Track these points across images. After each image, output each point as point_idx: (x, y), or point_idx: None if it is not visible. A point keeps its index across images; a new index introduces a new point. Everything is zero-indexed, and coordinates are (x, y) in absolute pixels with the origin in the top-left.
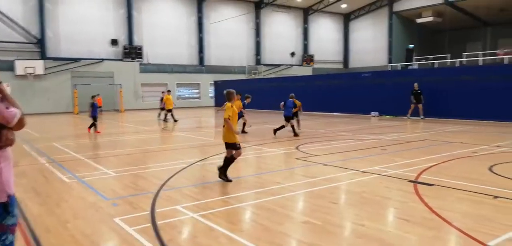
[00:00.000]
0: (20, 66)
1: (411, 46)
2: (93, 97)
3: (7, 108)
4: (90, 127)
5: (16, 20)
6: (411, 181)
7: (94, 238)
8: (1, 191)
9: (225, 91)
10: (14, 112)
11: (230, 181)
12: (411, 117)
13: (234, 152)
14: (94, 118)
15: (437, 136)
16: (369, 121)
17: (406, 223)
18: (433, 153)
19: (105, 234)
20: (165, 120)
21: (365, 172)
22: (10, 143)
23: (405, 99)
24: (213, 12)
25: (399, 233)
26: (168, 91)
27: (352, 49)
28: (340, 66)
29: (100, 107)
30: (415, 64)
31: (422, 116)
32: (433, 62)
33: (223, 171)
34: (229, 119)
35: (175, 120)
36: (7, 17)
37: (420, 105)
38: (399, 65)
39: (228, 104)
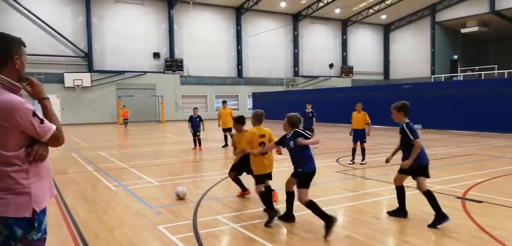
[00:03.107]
0: (69, 79)
1: (455, 57)
2: (194, 109)
3: (42, 122)
4: (198, 144)
5: (65, 35)
6: (458, 197)
7: (139, 245)
8: (27, 205)
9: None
10: (48, 128)
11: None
12: None
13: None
14: (194, 133)
15: (485, 150)
16: None
17: (454, 241)
18: (481, 168)
19: (150, 242)
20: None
21: (409, 187)
22: (41, 158)
23: (449, 112)
24: (251, 25)
25: None
26: (223, 101)
27: (393, 60)
28: (381, 77)
29: (126, 120)
30: (460, 76)
31: None
32: (480, 73)
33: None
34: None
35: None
36: (59, 33)
37: None
38: (442, 76)
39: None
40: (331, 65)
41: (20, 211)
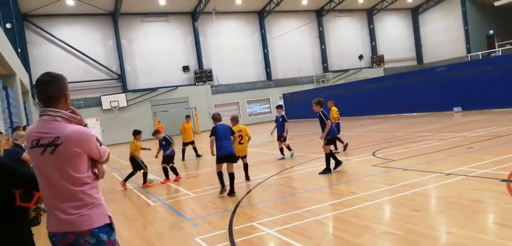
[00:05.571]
0: (106, 101)
1: (491, 32)
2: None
3: (101, 146)
4: (175, 175)
5: (98, 60)
6: (503, 180)
7: None
8: (104, 214)
9: None
10: (105, 150)
11: None
12: None
13: None
14: (166, 158)
15: None
16: (452, 118)
17: (501, 228)
18: None
19: None
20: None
21: (450, 174)
22: (103, 175)
23: (489, 90)
24: (275, 26)
25: (493, 240)
26: (187, 116)
27: (425, 43)
28: (414, 63)
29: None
30: (498, 51)
31: None
32: None
33: None
34: None
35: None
36: (92, 59)
37: None
38: (480, 53)
39: None
40: (360, 57)
41: (102, 219)
